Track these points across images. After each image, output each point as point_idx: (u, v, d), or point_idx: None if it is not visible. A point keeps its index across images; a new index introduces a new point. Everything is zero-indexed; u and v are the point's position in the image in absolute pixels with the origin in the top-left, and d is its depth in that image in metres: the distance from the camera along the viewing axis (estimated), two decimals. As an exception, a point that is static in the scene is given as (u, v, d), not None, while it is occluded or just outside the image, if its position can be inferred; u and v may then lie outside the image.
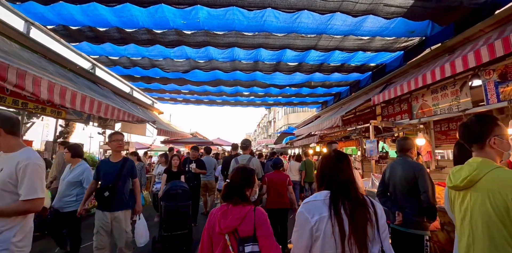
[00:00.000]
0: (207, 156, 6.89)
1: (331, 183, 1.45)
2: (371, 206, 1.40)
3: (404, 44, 5.15)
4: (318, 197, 1.42)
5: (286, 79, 7.00)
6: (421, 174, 2.50)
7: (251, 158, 4.33)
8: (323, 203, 1.38)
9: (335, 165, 1.49)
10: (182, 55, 5.58)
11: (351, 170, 1.50)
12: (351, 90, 8.24)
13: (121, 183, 3.21)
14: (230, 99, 9.68)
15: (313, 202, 1.41)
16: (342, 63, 6.00)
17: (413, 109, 5.42)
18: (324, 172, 1.52)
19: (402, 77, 5.57)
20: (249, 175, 1.85)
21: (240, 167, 1.92)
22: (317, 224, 1.33)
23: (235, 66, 6.15)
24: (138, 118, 5.30)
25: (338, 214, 1.33)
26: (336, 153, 1.56)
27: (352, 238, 1.29)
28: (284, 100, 9.91)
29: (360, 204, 1.38)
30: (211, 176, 6.64)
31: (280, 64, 6.00)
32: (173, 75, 6.94)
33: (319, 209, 1.36)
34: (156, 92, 9.10)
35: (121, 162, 3.28)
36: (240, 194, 1.75)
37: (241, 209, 1.67)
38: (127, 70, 6.91)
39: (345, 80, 7.32)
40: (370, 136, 3.96)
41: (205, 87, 8.00)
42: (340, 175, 1.45)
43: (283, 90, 8.25)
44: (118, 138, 3.25)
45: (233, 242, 1.60)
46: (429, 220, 2.47)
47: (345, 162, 1.51)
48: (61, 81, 3.84)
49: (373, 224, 1.34)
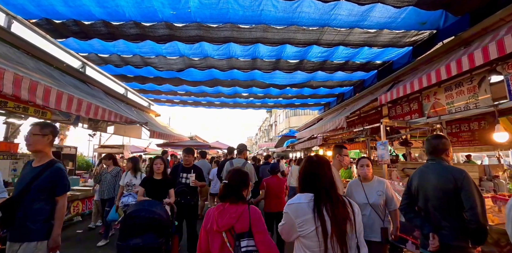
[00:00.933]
0: (202, 160, 6.69)
1: (314, 187, 1.56)
2: (349, 205, 1.53)
3: (414, 38, 4.77)
4: (303, 199, 1.53)
5: (287, 79, 6.62)
6: (466, 184, 1.88)
7: (245, 162, 4.42)
8: (307, 205, 1.49)
9: (318, 169, 1.60)
10: (175, 51, 5.23)
11: (331, 173, 1.61)
12: (355, 91, 7.85)
13: (28, 199, 2.06)
14: (229, 101, 9.31)
15: (297, 204, 1.52)
16: (346, 60, 5.62)
17: (424, 109, 5.01)
18: (306, 176, 1.63)
19: (412, 75, 5.18)
20: (245, 176, 1.99)
21: (236, 169, 2.05)
22: (301, 225, 1.46)
23: (232, 64, 5.78)
24: (126, 119, 4.93)
25: (321, 215, 1.45)
26: (317, 157, 1.70)
27: (334, 236, 1.41)
28: (284, 102, 9.53)
29: (341, 205, 1.50)
30: (205, 180, 6.19)
31: (280, 62, 5.63)
32: (167, 74, 6.58)
33: (303, 211, 1.48)
34: (152, 93, 8.75)
35: (40, 168, 2.14)
36: (237, 194, 1.86)
37: (237, 208, 1.78)
38: (119, 69, 6.56)
39: (348, 79, 6.93)
40: (382, 137, 3.53)
41: (202, 87, 7.64)
42: (322, 179, 1.56)
43: (284, 91, 7.87)
44: (32, 132, 2.15)
45: (230, 238, 1.71)
46: (475, 245, 1.93)
47: (326, 166, 1.63)
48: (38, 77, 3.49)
49: (352, 222, 1.47)
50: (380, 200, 2.70)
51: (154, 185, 3.55)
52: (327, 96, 8.82)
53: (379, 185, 2.79)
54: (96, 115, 3.95)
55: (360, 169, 2.87)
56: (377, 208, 2.70)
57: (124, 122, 4.98)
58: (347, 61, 5.67)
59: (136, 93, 9.06)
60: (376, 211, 2.69)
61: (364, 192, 2.76)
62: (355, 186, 2.90)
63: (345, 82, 7.27)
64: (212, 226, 1.74)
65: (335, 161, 2.96)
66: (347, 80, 7.02)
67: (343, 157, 2.91)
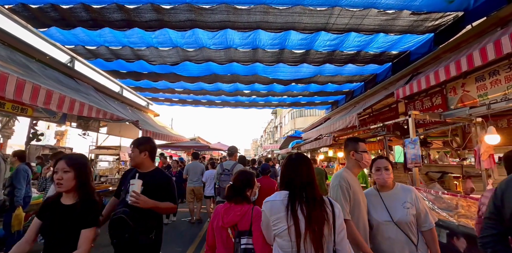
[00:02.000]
0: (194, 162, 6.42)
1: (290, 184, 1.54)
2: (329, 206, 1.46)
3: (437, 22, 4.15)
4: (278, 197, 1.52)
5: (291, 73, 6.04)
6: None
7: (235, 164, 4.47)
8: (281, 203, 1.47)
9: (295, 166, 1.59)
10: (167, 41, 4.71)
11: (311, 172, 1.57)
12: (366, 87, 7.22)
13: None
14: (230, 99, 8.76)
15: (272, 201, 1.51)
16: (358, 50, 5.01)
17: (450, 103, 4.37)
18: (284, 173, 1.62)
19: (434, 64, 4.55)
20: (249, 177, 2.04)
21: (242, 170, 2.17)
22: (276, 223, 1.43)
23: (231, 56, 5.23)
24: (112, 116, 4.41)
25: (294, 214, 1.41)
26: (296, 156, 1.67)
27: (308, 238, 1.36)
28: (289, 100, 8.93)
29: (318, 205, 1.44)
30: (199, 182, 6.57)
31: (284, 53, 5.06)
32: (161, 69, 6.07)
33: (277, 208, 1.46)
34: (149, 91, 8.27)
35: None
36: (242, 194, 1.93)
37: (241, 207, 1.85)
38: (110, 64, 6.08)
39: (359, 73, 6.32)
40: (411, 133, 2.82)
41: (200, 84, 7.11)
42: (299, 176, 1.53)
43: (288, 87, 7.29)
44: None
45: (234, 233, 1.79)
46: None
47: (305, 164, 1.60)
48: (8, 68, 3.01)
49: (330, 224, 1.41)
50: (410, 216, 1.92)
51: (56, 216, 1.68)
52: (335, 94, 8.20)
53: (404, 195, 2.01)
54: (71, 109, 3.43)
55: (376, 174, 2.08)
56: (406, 227, 1.92)
57: (110, 119, 4.46)
58: (359, 52, 5.07)
59: (133, 91, 8.59)
60: (405, 232, 1.91)
61: (385, 206, 1.99)
62: (371, 197, 2.11)
63: (355, 77, 6.65)
64: (218, 223, 1.84)
65: (350, 162, 2.15)
66: (357, 74, 6.40)
67: (361, 154, 2.07)
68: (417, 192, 2.08)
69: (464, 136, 5.82)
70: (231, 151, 4.79)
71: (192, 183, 6.54)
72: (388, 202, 2.01)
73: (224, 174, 4.52)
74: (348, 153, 2.13)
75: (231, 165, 4.50)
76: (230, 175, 4.40)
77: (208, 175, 6.37)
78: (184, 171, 6.77)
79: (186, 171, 6.69)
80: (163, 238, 2.24)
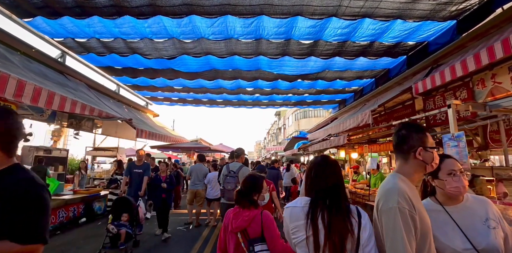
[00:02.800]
0: (199, 164, 6.04)
1: (312, 190, 1.38)
2: (355, 216, 1.27)
3: (462, 6, 3.70)
4: (299, 203, 1.37)
5: (298, 67, 5.60)
6: None
7: (241, 166, 4.35)
8: (301, 210, 1.32)
9: (320, 170, 1.41)
10: (161, 31, 4.30)
11: (338, 177, 1.39)
12: (377, 83, 6.76)
13: None
14: (232, 98, 8.34)
15: (292, 208, 1.37)
16: (372, 40, 4.57)
17: (477, 97, 3.88)
18: (308, 178, 1.45)
19: (458, 54, 4.08)
20: (257, 181, 1.98)
21: (250, 174, 2.12)
22: (295, 231, 1.31)
23: (232, 48, 4.81)
24: (100, 113, 4.00)
25: (314, 223, 1.26)
26: (321, 158, 1.49)
27: (327, 250, 1.20)
28: (295, 99, 8.48)
29: (341, 214, 1.26)
30: (201, 184, 6.37)
31: (290, 44, 4.62)
32: (158, 64, 5.67)
33: (296, 216, 1.32)
34: (147, 89, 7.88)
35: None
36: (248, 198, 1.89)
37: (249, 212, 1.81)
38: (104, 59, 5.70)
39: (371, 68, 5.85)
40: (451, 128, 2.25)
41: (200, 81, 6.70)
42: (323, 181, 1.36)
43: (294, 84, 6.84)
44: None
45: (244, 241, 1.75)
46: None
47: (331, 168, 1.41)
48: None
49: (354, 237, 1.21)
50: (499, 240, 1.27)
51: None
52: (343, 92, 7.74)
53: (482, 209, 1.37)
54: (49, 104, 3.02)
55: (451, 181, 1.37)
56: None
57: (98, 117, 4.05)
58: (372, 42, 4.62)
59: (130, 90, 8.20)
60: None
61: (458, 227, 1.34)
62: (432, 214, 1.36)
63: (366, 73, 6.19)
64: (228, 227, 1.81)
65: (409, 164, 1.33)
66: (369, 69, 5.94)
67: (431, 152, 1.30)
68: (493, 205, 1.42)
69: (485, 135, 5.32)
70: (238, 152, 4.59)
71: (195, 185, 6.34)
72: (461, 220, 1.36)
73: (230, 176, 4.34)
74: (409, 151, 1.32)
75: (237, 167, 4.36)
76: (236, 177, 4.27)
77: (211, 177, 6.17)
78: (188, 172, 6.47)
79: (189, 173, 6.44)
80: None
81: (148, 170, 5.53)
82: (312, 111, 25.37)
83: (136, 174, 5.41)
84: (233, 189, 4.17)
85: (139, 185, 5.36)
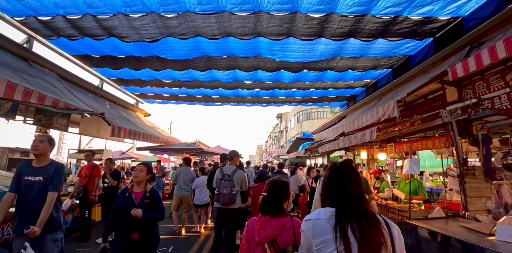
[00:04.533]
0: (185, 168, 5.41)
1: (336, 199, 1.29)
2: (385, 226, 1.21)
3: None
4: (322, 215, 1.26)
5: (305, 52, 4.74)
6: None
7: (236, 170, 4.25)
8: (327, 223, 1.21)
9: (341, 177, 1.33)
10: (136, 2, 3.47)
11: (360, 184, 1.33)
12: (394, 74, 5.89)
13: None
14: (229, 94, 7.47)
15: (315, 221, 1.25)
16: (396, 15, 3.71)
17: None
18: (327, 186, 1.36)
19: (506, 28, 3.23)
20: (284, 188, 1.87)
21: (275, 180, 1.94)
22: (320, 247, 1.19)
23: (225, 26, 3.95)
24: (56, 103, 3.14)
25: (345, 236, 1.16)
26: (342, 165, 1.41)
27: None
28: (299, 94, 7.59)
29: (372, 225, 1.19)
30: (188, 190, 5.90)
31: (296, 19, 3.75)
32: (140, 50, 4.84)
33: (322, 229, 1.21)
34: (133, 84, 7.04)
35: None
36: (277, 207, 1.78)
37: (278, 221, 1.71)
38: (77, 45, 4.88)
39: (389, 54, 4.98)
40: None
41: (191, 72, 5.85)
42: (346, 190, 1.29)
43: (299, 76, 5.97)
44: None
45: (273, 251, 1.63)
46: None
47: (353, 174, 1.34)
48: None
49: (389, 248, 1.16)
50: None
51: None
52: (354, 85, 6.87)
53: None
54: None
55: None
56: None
57: (53, 107, 3.19)
58: (396, 17, 3.76)
59: (116, 86, 7.36)
60: None
61: None
62: None
63: (382, 61, 5.32)
64: (253, 237, 1.71)
65: None
66: (387, 56, 5.07)
67: None
68: None
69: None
70: (231, 155, 4.51)
71: (181, 191, 5.86)
72: None
73: (225, 180, 4.16)
74: None
75: (232, 171, 4.22)
76: (231, 181, 4.11)
77: (199, 182, 5.78)
78: (173, 177, 5.71)
79: (174, 177, 5.84)
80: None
81: (59, 176, 2.62)
82: (315, 112, 24.50)
83: (29, 185, 2.55)
84: (228, 193, 4.03)
85: (38, 208, 2.47)
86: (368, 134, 4.18)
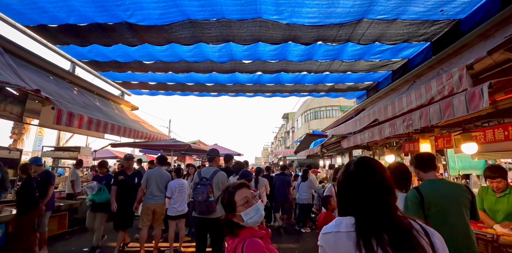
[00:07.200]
0: (158, 168, 4.33)
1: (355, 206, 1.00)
2: (423, 235, 0.92)
3: None
4: (342, 227, 0.99)
5: (322, 8, 3.44)
6: None
7: (216, 171, 3.78)
8: (347, 236, 0.95)
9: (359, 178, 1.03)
10: None
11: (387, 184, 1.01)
12: (433, 49, 4.58)
13: None
14: (225, 80, 6.23)
15: (335, 234, 0.99)
16: None
17: None
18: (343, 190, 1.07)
19: None
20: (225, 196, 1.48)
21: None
22: None
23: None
24: None
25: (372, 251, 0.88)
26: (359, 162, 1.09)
27: None
28: (309, 80, 6.31)
29: (405, 236, 0.90)
30: (162, 197, 4.56)
31: None
32: (101, 11, 3.66)
33: (342, 245, 0.94)
34: (111, 68, 5.87)
35: None
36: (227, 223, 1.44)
37: (231, 242, 1.38)
38: (25, 10, 3.75)
39: (434, 16, 3.69)
40: None
41: (175, 49, 4.64)
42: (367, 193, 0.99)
43: (311, 52, 4.70)
44: None
45: None
46: None
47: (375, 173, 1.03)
48: None
49: None
50: None
51: None
52: (379, 68, 5.57)
53: None
54: None
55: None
56: None
57: None
58: None
59: (94, 72, 6.21)
60: None
61: None
62: None
63: (422, 28, 4.03)
64: None
65: None
66: (430, 19, 3.78)
67: None
68: None
69: None
70: (211, 155, 3.98)
71: (153, 198, 4.46)
72: None
73: (201, 184, 3.55)
74: None
75: (211, 173, 3.67)
76: (208, 186, 3.51)
77: (173, 186, 4.51)
78: (143, 180, 4.56)
79: (144, 180, 4.55)
80: None
81: None
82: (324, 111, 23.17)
83: None
84: (204, 201, 3.43)
85: None
86: (462, 107, 2.18)
